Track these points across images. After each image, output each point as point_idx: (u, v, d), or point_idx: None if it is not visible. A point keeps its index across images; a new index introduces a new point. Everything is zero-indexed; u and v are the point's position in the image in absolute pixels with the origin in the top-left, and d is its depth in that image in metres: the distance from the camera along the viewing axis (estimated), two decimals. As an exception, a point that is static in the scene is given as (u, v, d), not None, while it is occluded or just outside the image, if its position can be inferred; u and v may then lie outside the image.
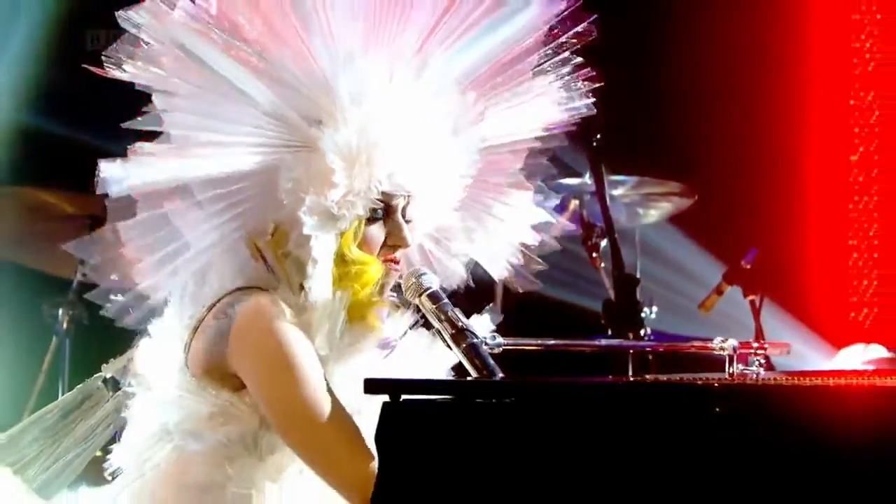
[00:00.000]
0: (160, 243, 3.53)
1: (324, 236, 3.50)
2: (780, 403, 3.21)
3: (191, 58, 3.47)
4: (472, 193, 3.77)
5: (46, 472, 3.71)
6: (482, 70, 3.68)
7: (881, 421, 3.13)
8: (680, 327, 5.47)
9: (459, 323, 3.52)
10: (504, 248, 3.84)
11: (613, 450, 3.09)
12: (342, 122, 3.50)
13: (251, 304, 3.47)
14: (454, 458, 3.13)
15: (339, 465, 3.38)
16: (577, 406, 3.18)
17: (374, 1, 3.55)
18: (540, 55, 3.73)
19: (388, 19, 3.56)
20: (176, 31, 3.46)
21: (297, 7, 3.49)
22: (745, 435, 3.08)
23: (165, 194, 3.53)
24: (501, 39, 3.66)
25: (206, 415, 3.47)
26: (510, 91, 3.73)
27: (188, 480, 3.49)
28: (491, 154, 3.76)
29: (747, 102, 6.34)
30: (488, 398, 3.21)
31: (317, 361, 3.47)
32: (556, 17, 3.67)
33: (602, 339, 5.11)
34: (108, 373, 3.77)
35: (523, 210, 3.83)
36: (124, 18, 3.45)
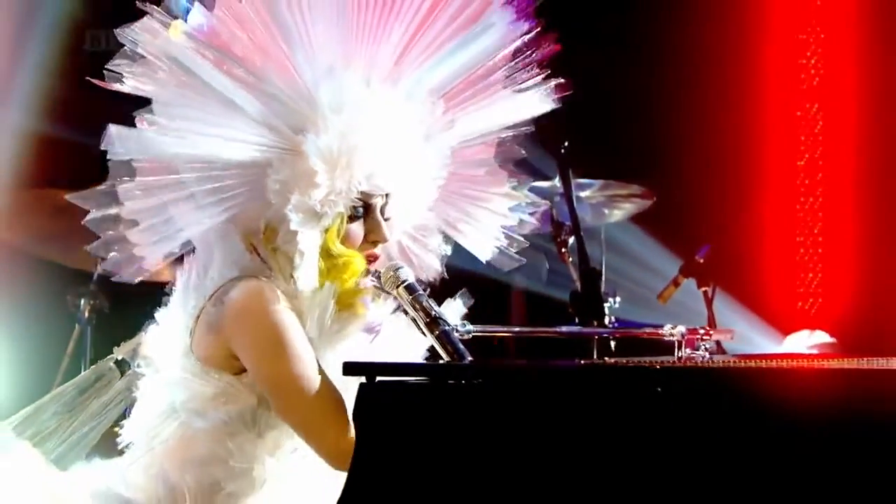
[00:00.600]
0: (154, 211, 3.52)
1: (309, 232, 3.50)
2: (714, 383, 3.24)
3: (184, 71, 3.48)
4: (454, 188, 3.77)
5: (63, 445, 3.70)
6: (454, 82, 3.67)
7: (813, 399, 3.15)
8: (641, 316, 5.49)
9: (433, 312, 3.53)
10: (488, 233, 3.84)
11: (567, 425, 3.11)
12: (324, 128, 3.50)
13: (248, 287, 3.48)
14: (425, 434, 3.15)
15: (323, 434, 3.39)
16: (535, 386, 3.20)
17: (352, 20, 3.55)
18: (508, 68, 3.71)
19: (364, 37, 3.57)
20: (170, 48, 3.48)
21: (280, 26, 3.49)
22: (682, 411, 3.10)
23: (161, 170, 3.52)
24: (471, 55, 3.66)
25: (210, 395, 3.48)
26: (481, 99, 3.72)
27: (193, 455, 3.49)
28: (466, 148, 3.77)
29: (705, 112, 6.31)
30: (458, 380, 3.24)
31: (308, 345, 3.48)
32: (520, 36, 3.67)
33: (567, 326, 4.95)
34: (119, 355, 3.77)
35: (501, 195, 3.83)
36: (122, 35, 3.46)
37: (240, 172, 3.54)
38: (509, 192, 3.81)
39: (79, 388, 3.81)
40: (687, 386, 3.18)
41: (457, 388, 3.19)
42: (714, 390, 3.18)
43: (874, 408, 3.11)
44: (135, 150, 3.47)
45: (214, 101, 3.50)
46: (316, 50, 3.52)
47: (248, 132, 3.51)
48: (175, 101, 3.48)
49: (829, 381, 3.31)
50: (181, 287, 3.60)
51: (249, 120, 3.50)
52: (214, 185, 3.52)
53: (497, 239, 3.83)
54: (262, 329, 3.46)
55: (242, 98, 3.50)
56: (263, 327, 3.45)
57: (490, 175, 3.81)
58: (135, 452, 3.57)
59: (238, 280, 3.51)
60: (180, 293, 3.59)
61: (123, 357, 3.76)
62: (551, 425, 3.12)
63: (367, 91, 3.56)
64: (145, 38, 3.45)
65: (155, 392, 3.56)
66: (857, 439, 3.09)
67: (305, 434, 3.44)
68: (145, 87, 3.46)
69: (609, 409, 3.12)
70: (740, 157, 6.37)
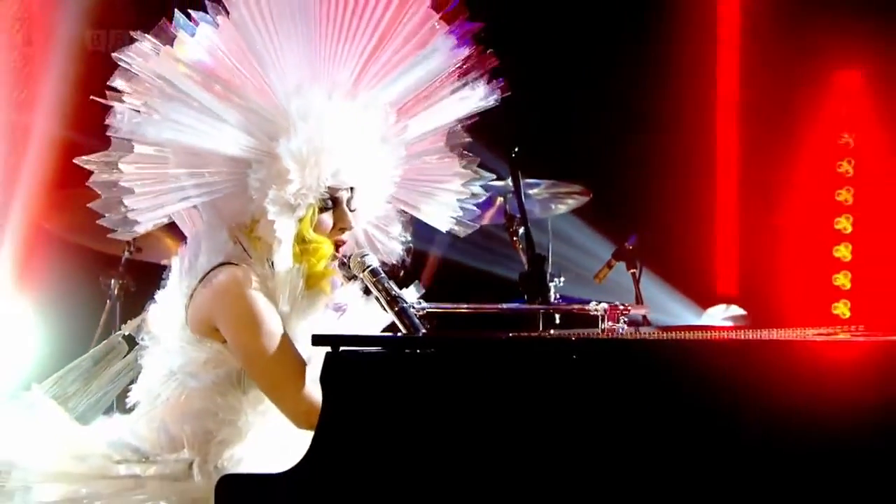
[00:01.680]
0: (148, 182, 3.51)
1: (284, 221, 3.50)
2: (620, 350, 3.29)
3: (173, 89, 3.49)
4: (413, 175, 3.77)
5: (83, 405, 3.73)
6: (405, 97, 3.68)
7: (707, 365, 3.17)
8: (582, 293, 5.34)
9: (393, 292, 3.55)
10: (445, 207, 3.84)
11: (501, 386, 3.14)
12: (294, 135, 3.51)
13: (228, 274, 3.48)
14: (384, 397, 3.15)
15: (285, 398, 3.42)
16: (474, 355, 3.22)
17: (316, 46, 3.57)
18: (453, 80, 3.72)
19: (327, 60, 3.59)
20: (161, 68, 3.48)
21: (255, 54, 3.51)
22: (594, 374, 3.13)
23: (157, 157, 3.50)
24: (418, 75, 3.67)
25: (202, 360, 3.49)
26: (430, 105, 3.72)
27: (188, 410, 3.51)
28: (421, 141, 3.76)
29: (636, 121, 6.29)
30: (413, 350, 3.27)
31: (278, 319, 3.46)
32: (462, 60, 3.68)
33: (513, 303, 5.02)
34: (126, 331, 3.76)
35: (453, 175, 3.83)
36: (119, 57, 3.46)
37: (222, 163, 3.54)
38: (460, 170, 3.82)
39: (94, 358, 3.84)
40: (597, 353, 3.22)
41: (411, 357, 3.21)
42: (621, 356, 3.22)
43: (764, 373, 3.13)
44: (135, 130, 3.47)
45: (201, 112, 3.51)
46: (286, 71, 3.53)
47: (230, 138, 3.53)
48: (168, 115, 3.48)
49: (719, 349, 3.34)
50: (177, 271, 3.59)
51: (231, 128, 3.52)
52: (198, 171, 3.53)
53: (453, 211, 3.85)
54: (238, 308, 3.45)
55: (225, 111, 3.52)
56: (239, 307, 3.45)
57: (442, 159, 3.81)
58: (141, 410, 3.58)
59: (222, 265, 3.50)
60: (176, 276, 3.58)
61: (130, 332, 3.76)
62: (489, 387, 3.14)
63: (330, 104, 3.56)
64: (139, 60, 3.46)
65: (156, 359, 3.57)
66: (747, 402, 3.11)
67: (271, 396, 3.46)
68: (139, 103, 3.47)
69: (532, 374, 3.14)
70: (663, 159, 6.30)
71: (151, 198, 3.51)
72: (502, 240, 5.45)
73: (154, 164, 3.51)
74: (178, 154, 3.52)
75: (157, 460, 3.51)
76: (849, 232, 6.05)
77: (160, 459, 3.51)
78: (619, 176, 6.14)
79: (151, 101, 3.48)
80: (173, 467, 3.49)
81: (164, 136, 3.49)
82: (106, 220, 3.51)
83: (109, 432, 3.59)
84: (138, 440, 3.55)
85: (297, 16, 3.54)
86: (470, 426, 3.12)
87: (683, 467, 3.09)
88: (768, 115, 6.23)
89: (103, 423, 3.68)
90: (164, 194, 3.53)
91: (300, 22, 3.55)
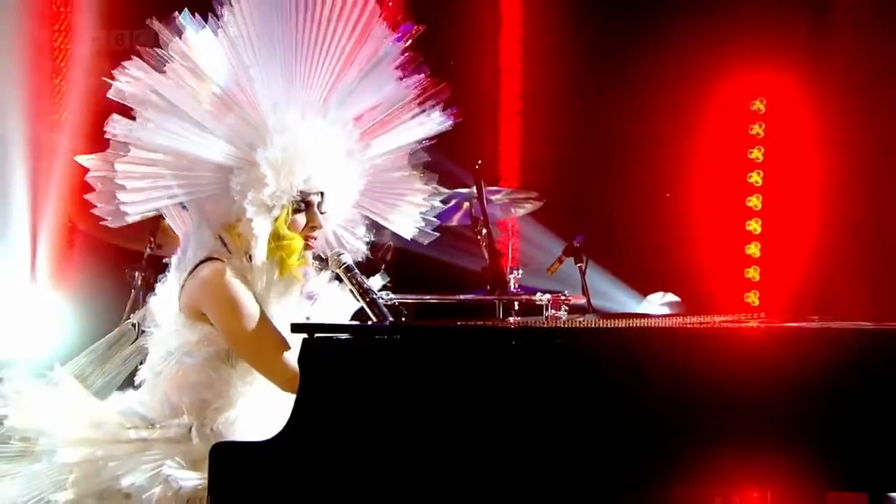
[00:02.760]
0: (138, 180, 3.49)
1: (261, 219, 3.50)
2: (551, 335, 3.29)
3: (167, 103, 3.48)
4: (380, 188, 3.76)
5: (98, 383, 3.75)
6: (370, 114, 3.71)
7: (619, 349, 3.19)
8: (538, 284, 5.33)
9: (364, 285, 3.59)
10: (409, 217, 3.84)
11: (454, 366, 3.16)
12: (271, 145, 3.51)
13: (211, 268, 3.49)
14: (355, 377, 3.15)
15: (269, 367, 3.41)
16: (432, 340, 3.24)
17: (292, 71, 3.56)
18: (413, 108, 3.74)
19: (301, 82, 3.59)
20: (156, 84, 3.48)
21: (244, 69, 3.52)
22: (530, 358, 3.15)
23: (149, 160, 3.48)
24: (380, 95, 3.71)
25: (195, 340, 3.49)
26: (389, 128, 3.74)
27: (186, 382, 3.52)
28: (389, 159, 3.77)
29: (580, 135, 6.22)
30: (381, 336, 3.28)
31: (255, 305, 3.46)
32: (416, 86, 3.71)
33: (478, 293, 5.19)
34: (135, 319, 3.79)
35: (415, 190, 3.83)
36: (117, 73, 3.46)
37: (207, 168, 3.53)
38: (421, 186, 3.82)
39: (108, 343, 3.85)
40: (533, 338, 3.26)
41: (377, 343, 3.22)
42: (552, 340, 3.23)
43: (667, 355, 3.15)
44: (129, 134, 3.45)
45: (190, 124, 3.52)
46: (266, 90, 3.54)
47: (215, 147, 3.53)
48: (163, 126, 3.48)
49: (627, 335, 3.39)
50: (173, 266, 3.59)
51: (216, 138, 3.52)
52: (184, 173, 3.51)
53: (416, 221, 3.84)
54: (221, 297, 3.46)
55: (211, 123, 3.53)
56: (221, 296, 3.46)
57: (406, 176, 3.82)
58: (146, 384, 3.59)
59: (207, 260, 3.51)
60: (173, 270, 3.58)
61: (137, 321, 3.79)
62: (445, 367, 3.16)
63: (302, 120, 3.57)
64: (135, 76, 3.47)
65: (158, 341, 3.57)
66: (654, 377, 3.11)
67: (258, 368, 3.47)
68: (138, 114, 3.47)
69: (477, 356, 3.16)
70: (606, 168, 6.24)
71: (141, 193, 3.49)
72: (469, 238, 5.43)
73: (145, 165, 3.49)
74: (169, 158, 3.51)
75: (161, 426, 3.52)
76: (758, 233, 6.07)
77: (164, 425, 3.52)
78: (569, 186, 6.10)
79: (147, 112, 3.48)
80: (175, 431, 3.50)
81: (157, 141, 3.48)
82: (99, 209, 3.50)
83: (121, 404, 3.60)
84: (145, 409, 3.56)
85: (276, 43, 3.55)
86: (426, 400, 3.13)
87: (602, 433, 3.11)
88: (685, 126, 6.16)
89: (116, 396, 3.69)
90: (153, 191, 3.51)
91: (279, 48, 3.55)
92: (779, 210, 5.98)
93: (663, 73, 6.08)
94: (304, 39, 3.59)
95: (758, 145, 6.09)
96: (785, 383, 3.10)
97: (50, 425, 3.50)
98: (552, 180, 6.12)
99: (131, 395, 3.64)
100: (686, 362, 3.14)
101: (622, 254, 6.11)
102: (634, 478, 3.11)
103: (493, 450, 3.10)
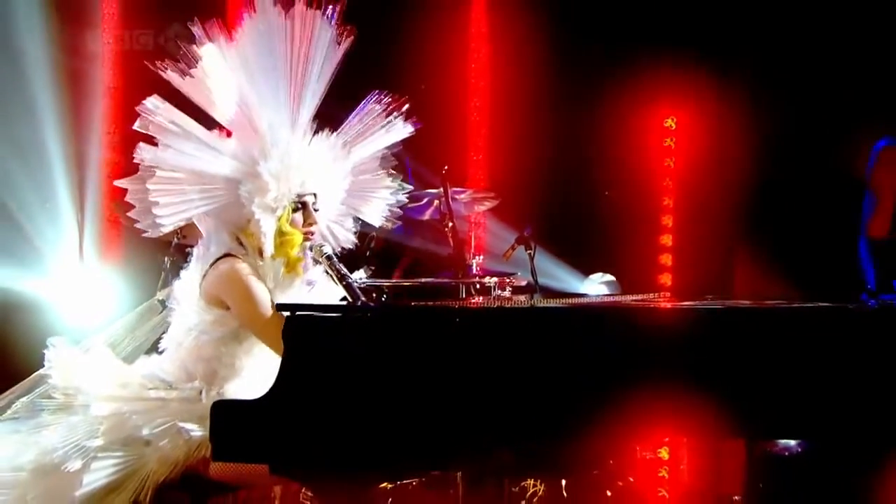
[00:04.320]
0: (167, 196, 3.50)
1: (267, 219, 3.53)
2: (491, 316, 3.33)
3: (182, 130, 3.51)
4: (357, 188, 3.77)
5: (127, 350, 3.79)
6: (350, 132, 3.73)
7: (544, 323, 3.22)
8: (497, 267, 5.25)
9: (342, 272, 3.58)
10: (378, 211, 3.84)
11: (412, 340, 3.17)
12: (271, 158, 3.54)
13: (229, 265, 3.52)
14: (329, 348, 3.15)
15: (275, 341, 3.31)
16: (395, 318, 3.27)
17: (282, 95, 3.56)
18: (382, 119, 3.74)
19: (290, 104, 3.58)
20: (171, 115, 3.50)
21: (242, 104, 3.55)
22: (471, 333, 3.17)
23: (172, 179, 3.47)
24: (357, 110, 3.73)
25: (211, 321, 3.53)
26: (365, 138, 3.75)
27: (200, 354, 3.55)
28: (363, 164, 3.77)
29: (535, 146, 6.13)
30: (353, 314, 3.28)
31: (266, 291, 3.48)
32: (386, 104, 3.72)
33: (442, 274, 5.21)
34: (160, 297, 3.84)
35: (385, 188, 3.83)
36: (140, 108, 3.45)
37: (220, 181, 3.54)
38: (388, 184, 3.81)
39: (138, 314, 3.90)
40: (473, 316, 3.30)
41: (345, 319, 3.21)
42: (484, 319, 3.28)
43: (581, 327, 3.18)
44: (156, 159, 3.47)
45: (202, 146, 3.55)
46: (264, 116, 3.57)
47: (224, 163, 3.57)
48: (182, 149, 3.51)
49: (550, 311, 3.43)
50: (195, 257, 3.62)
51: (225, 156, 3.56)
52: (202, 188, 3.53)
53: (384, 213, 3.85)
54: (238, 287, 3.49)
55: (219, 144, 3.57)
56: (238, 286, 3.49)
57: (376, 175, 3.82)
58: (168, 353, 3.61)
59: (224, 256, 3.53)
60: (195, 261, 3.61)
61: (163, 298, 3.82)
62: (405, 340, 3.16)
63: (294, 135, 3.58)
64: (155, 108, 3.47)
65: (180, 318, 3.59)
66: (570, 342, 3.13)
67: (263, 340, 3.48)
68: (160, 137, 3.49)
69: (429, 331, 3.19)
70: (555, 171, 6.17)
71: (171, 207, 3.52)
72: (439, 230, 5.37)
73: (171, 184, 3.51)
74: (188, 176, 3.52)
75: (177, 388, 3.53)
76: (671, 226, 6.06)
77: (179, 388, 3.54)
78: (520, 187, 6.03)
79: (167, 139, 3.49)
80: (188, 393, 3.53)
81: (177, 162, 3.50)
82: (140, 224, 3.54)
83: (145, 368, 3.61)
84: (165, 374, 3.57)
85: (269, 69, 3.55)
86: (382, 364, 3.13)
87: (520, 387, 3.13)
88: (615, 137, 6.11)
89: (142, 360, 3.68)
90: (181, 205, 3.53)
91: (270, 74, 3.53)
92: (687, 208, 5.99)
93: (602, 94, 6.06)
94: (288, 65, 3.56)
95: (671, 156, 6.09)
96: (669, 350, 3.13)
97: (85, 384, 3.51)
98: (511, 181, 6.07)
99: (154, 360, 3.64)
100: (593, 333, 3.19)
101: (568, 241, 6.03)
102: (553, 425, 3.14)
103: (432, 400, 3.10)
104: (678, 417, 3.10)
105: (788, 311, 3.32)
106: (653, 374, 3.08)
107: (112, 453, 3.38)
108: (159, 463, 3.38)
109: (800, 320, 3.20)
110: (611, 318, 3.29)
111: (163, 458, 3.38)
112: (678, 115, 6.02)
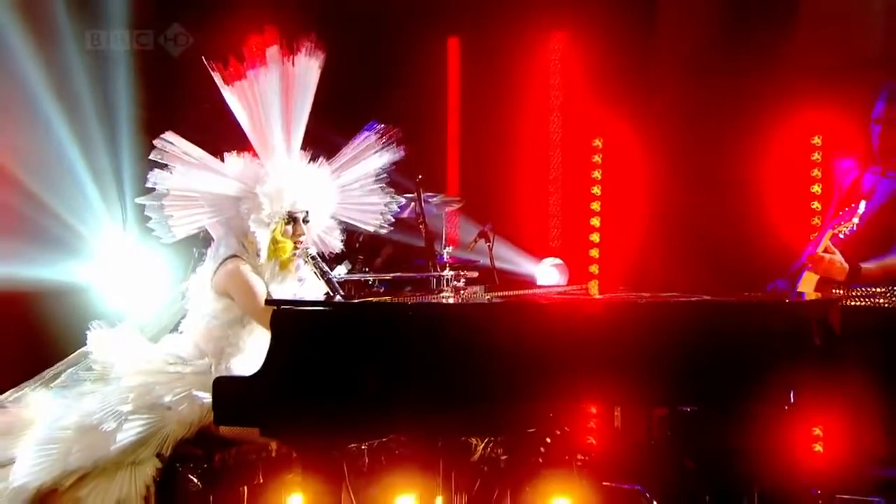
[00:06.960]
0: (181, 209, 3.51)
1: (262, 232, 3.55)
2: (440, 312, 3.30)
3: (192, 158, 3.53)
4: (349, 199, 3.71)
5: (153, 330, 3.75)
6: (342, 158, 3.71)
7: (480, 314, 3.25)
8: (464, 256, 5.18)
9: (324, 269, 3.62)
10: (370, 218, 3.80)
11: (378, 330, 3.16)
12: (266, 181, 3.54)
13: (234, 264, 3.55)
14: (310, 337, 3.15)
15: (266, 322, 3.25)
16: (364, 310, 3.27)
17: (277, 125, 3.55)
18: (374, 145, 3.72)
19: (284, 133, 3.58)
20: (182, 146, 3.53)
21: (265, 115, 3.54)
22: (422, 322, 3.17)
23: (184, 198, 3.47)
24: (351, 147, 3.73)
25: (220, 308, 3.56)
26: (358, 162, 3.74)
27: (211, 336, 3.58)
28: (356, 181, 3.73)
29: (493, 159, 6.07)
30: (325, 308, 3.26)
31: (263, 287, 3.52)
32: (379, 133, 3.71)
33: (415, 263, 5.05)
34: (182, 289, 3.78)
35: (376, 199, 3.80)
36: (156, 142, 3.46)
37: (224, 199, 3.56)
38: (380, 195, 3.78)
39: (164, 304, 3.89)
40: (423, 310, 3.31)
41: (321, 312, 3.19)
42: (432, 312, 3.28)
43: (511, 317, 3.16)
44: (167, 182, 3.49)
45: (208, 171, 3.56)
46: (263, 141, 3.57)
47: (228, 184, 3.57)
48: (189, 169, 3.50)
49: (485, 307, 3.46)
50: (208, 257, 3.65)
51: (228, 178, 3.56)
52: (210, 203, 3.55)
53: (375, 220, 3.81)
54: (241, 282, 3.52)
55: (224, 170, 3.57)
56: (241, 281, 3.52)
57: (369, 190, 3.78)
58: (185, 334, 3.64)
59: (231, 257, 3.57)
60: (208, 260, 3.64)
61: (183, 290, 3.79)
62: (373, 330, 3.16)
63: (288, 161, 3.58)
64: (169, 143, 3.51)
65: (195, 305, 3.62)
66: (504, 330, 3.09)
67: (261, 325, 3.46)
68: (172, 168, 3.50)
69: (387, 321, 3.19)
70: (509, 173, 6.07)
71: (182, 219, 3.54)
72: (414, 226, 5.25)
73: (184, 201, 3.54)
74: (198, 194, 3.55)
75: (192, 364, 3.56)
76: (598, 226, 5.87)
77: (193, 363, 3.56)
78: (483, 190, 6.01)
79: (181, 166, 3.52)
80: (201, 367, 3.55)
81: (188, 184, 3.53)
82: (158, 232, 3.55)
83: (166, 346, 3.63)
84: (182, 351, 3.60)
85: (270, 106, 3.54)
86: (352, 349, 3.13)
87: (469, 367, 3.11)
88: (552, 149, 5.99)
89: (166, 339, 3.68)
90: (192, 217, 3.55)
91: (269, 108, 3.53)
92: (613, 211, 5.85)
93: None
94: (286, 101, 3.56)
95: (597, 168, 5.92)
96: (584, 337, 3.11)
97: (119, 360, 3.54)
98: (477, 185, 6.07)
99: (174, 339, 3.65)
100: (525, 321, 3.18)
101: (523, 232, 5.99)
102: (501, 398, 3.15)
103: (386, 376, 3.10)
104: (600, 391, 3.13)
105: (678, 304, 3.32)
106: (571, 357, 3.07)
107: (140, 416, 3.40)
108: (178, 424, 3.42)
109: (686, 312, 3.20)
110: (526, 312, 3.32)
111: (181, 420, 3.42)
112: (605, 133, 5.81)
